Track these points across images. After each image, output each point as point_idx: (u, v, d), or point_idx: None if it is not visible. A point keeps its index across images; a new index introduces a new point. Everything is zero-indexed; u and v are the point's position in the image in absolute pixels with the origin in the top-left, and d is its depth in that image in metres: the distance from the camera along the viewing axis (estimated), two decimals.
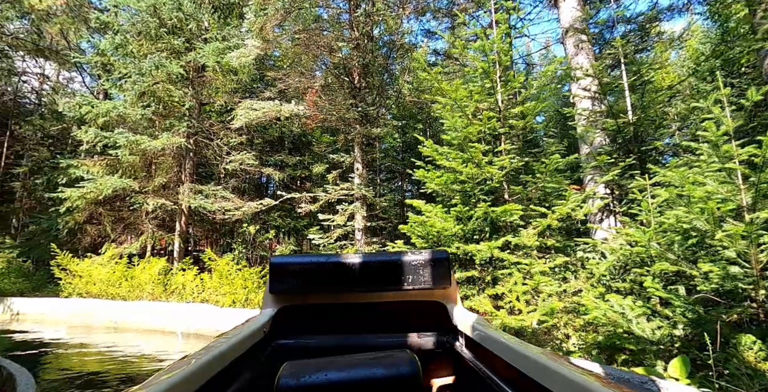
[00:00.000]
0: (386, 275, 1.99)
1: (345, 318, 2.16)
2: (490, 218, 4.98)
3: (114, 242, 11.72)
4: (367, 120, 12.09)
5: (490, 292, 4.76)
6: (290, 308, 2.09)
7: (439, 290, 2.06)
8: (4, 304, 9.91)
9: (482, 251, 4.75)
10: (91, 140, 11.56)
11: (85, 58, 12.92)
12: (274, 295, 2.06)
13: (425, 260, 2.00)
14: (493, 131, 5.44)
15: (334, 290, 2.02)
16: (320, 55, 12.64)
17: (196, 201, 11.28)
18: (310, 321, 2.14)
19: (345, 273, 1.98)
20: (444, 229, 4.92)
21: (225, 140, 13.45)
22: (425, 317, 2.13)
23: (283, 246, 16.22)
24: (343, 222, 11.94)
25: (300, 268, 2.00)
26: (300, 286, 1.99)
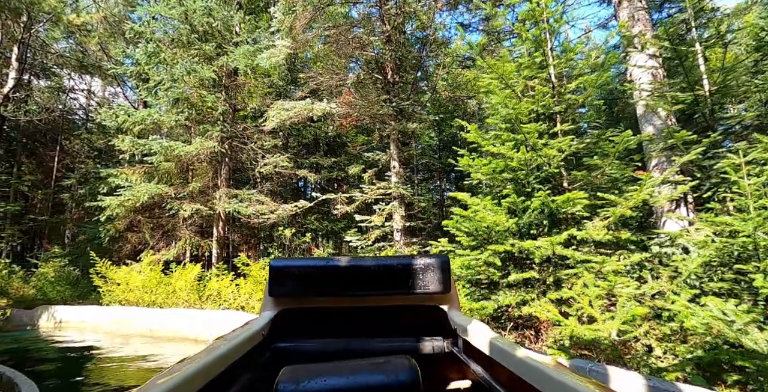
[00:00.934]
0: (386, 279, 1.94)
1: (344, 321, 2.12)
2: (549, 210, 4.22)
3: (152, 249, 11.56)
4: (402, 116, 11.45)
5: (552, 296, 4.00)
6: (290, 311, 2.05)
7: (439, 294, 2.00)
8: (49, 312, 9.87)
9: (542, 248, 4.00)
10: (128, 148, 11.47)
11: (122, 69, 12.90)
12: (274, 298, 2.01)
13: (426, 265, 1.96)
14: (546, 110, 4.67)
15: (334, 293, 1.97)
16: (351, 51, 12.11)
17: (231, 205, 10.95)
18: (310, 324, 2.11)
19: (345, 277, 1.95)
20: (495, 224, 4.20)
21: (259, 143, 13.13)
22: (425, 321, 2.09)
23: (321, 249, 15.77)
24: (380, 223, 11.33)
25: (300, 271, 1.95)
26: (300, 289, 1.95)
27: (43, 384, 5.40)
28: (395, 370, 1.31)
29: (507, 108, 4.26)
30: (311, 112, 10.73)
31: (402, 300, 2.05)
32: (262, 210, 10.92)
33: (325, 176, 15.63)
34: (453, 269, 4.71)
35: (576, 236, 4.01)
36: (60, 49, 21.26)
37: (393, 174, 11.66)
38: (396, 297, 2.02)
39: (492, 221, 4.17)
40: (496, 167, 4.51)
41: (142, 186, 10.62)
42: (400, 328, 2.10)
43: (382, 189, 11.10)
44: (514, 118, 4.18)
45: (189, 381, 1.05)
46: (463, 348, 1.86)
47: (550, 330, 4.28)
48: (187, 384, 1.04)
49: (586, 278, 3.76)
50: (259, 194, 11.99)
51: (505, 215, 4.19)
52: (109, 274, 9.27)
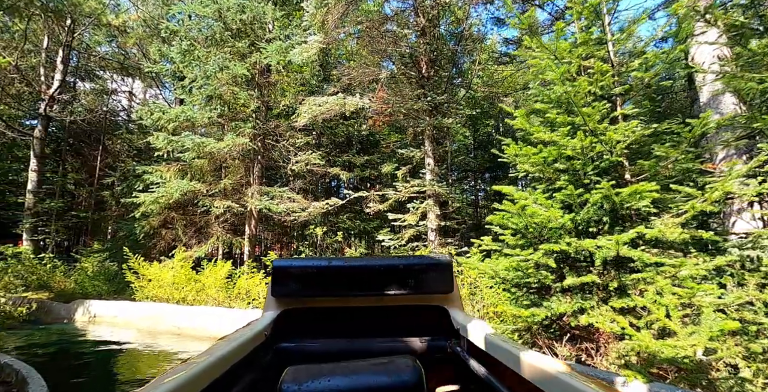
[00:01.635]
0: (389, 279, 1.93)
1: (347, 322, 2.10)
2: (611, 204, 3.63)
3: (185, 245, 11.45)
4: (437, 111, 10.92)
5: (617, 304, 3.41)
6: (292, 311, 2.03)
7: (442, 295, 2.00)
8: (84, 306, 9.88)
9: (604, 248, 3.42)
10: (163, 146, 11.40)
11: (157, 67, 12.90)
12: (276, 298, 1.99)
13: (428, 265, 1.95)
14: (605, 91, 4.07)
15: (337, 294, 1.95)
16: (384, 46, 11.67)
17: (262, 203, 10.69)
18: (312, 324, 2.09)
19: (347, 277, 1.93)
20: (548, 220, 3.64)
21: (291, 141, 12.86)
22: (427, 322, 2.08)
23: (353, 249, 15.38)
24: (414, 222, 10.83)
25: (302, 272, 1.93)
26: (302, 290, 1.93)
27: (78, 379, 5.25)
28: (399, 371, 1.28)
29: (564, 86, 3.68)
30: (343, 107, 10.34)
31: (405, 300, 2.01)
32: (293, 208, 10.61)
33: (357, 175, 15.23)
34: (497, 270, 4.19)
35: (645, 235, 3.40)
36: (102, 52, 21.78)
37: (427, 172, 11.13)
38: (399, 297, 1.98)
39: (545, 217, 3.61)
40: (548, 156, 3.94)
41: (173, 183, 10.50)
42: (402, 328, 2.07)
43: (416, 187, 10.59)
44: (571, 98, 3.60)
45: (192, 381, 1.04)
46: (466, 348, 1.83)
47: (612, 344, 3.68)
48: (190, 385, 1.02)
49: (660, 284, 3.15)
50: (290, 191, 11.70)
51: (560, 210, 3.62)
52: (140, 270, 9.15)
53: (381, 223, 16.60)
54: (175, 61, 12.47)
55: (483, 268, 4.35)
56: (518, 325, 4.34)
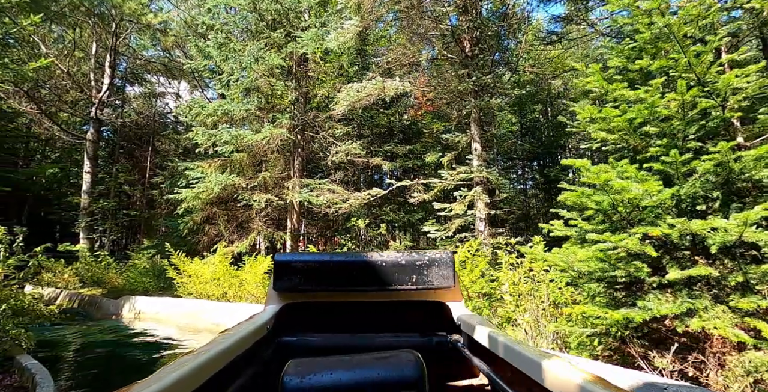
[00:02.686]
0: (390, 274, 1.91)
1: (348, 316, 2.09)
2: (727, 174, 2.77)
3: (226, 241, 11.20)
4: (483, 91, 10.04)
5: (743, 304, 2.56)
6: (294, 305, 2.01)
7: (443, 290, 1.97)
8: (130, 303, 9.80)
9: (723, 231, 2.57)
10: (203, 141, 11.17)
11: (195, 63, 12.69)
12: (278, 292, 1.98)
13: (429, 260, 1.94)
14: (708, 32, 3.17)
15: (338, 288, 1.94)
16: (424, 26, 10.88)
17: (302, 195, 10.23)
18: (314, 318, 2.09)
19: (349, 272, 1.92)
20: (641, 196, 2.82)
21: (330, 131, 12.35)
22: (428, 317, 2.06)
23: (397, 242, 14.74)
24: (462, 211, 10.04)
25: (304, 266, 1.91)
26: (304, 284, 1.92)
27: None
28: (401, 365, 1.27)
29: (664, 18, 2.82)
30: (383, 92, 9.67)
31: (406, 295, 2.01)
32: (334, 199, 10.08)
33: (400, 165, 14.55)
34: (569, 261, 3.40)
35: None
36: (148, 56, 22.17)
37: (474, 157, 10.29)
38: (400, 292, 1.97)
39: (637, 193, 2.79)
40: (636, 116, 3.09)
41: (212, 177, 10.22)
42: (403, 323, 2.06)
43: (462, 173, 9.79)
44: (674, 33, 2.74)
45: (195, 373, 1.03)
46: (466, 344, 1.82)
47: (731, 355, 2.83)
48: (193, 377, 1.02)
49: None
50: (331, 183, 11.19)
51: (657, 183, 2.79)
52: (181, 266, 8.91)
53: (426, 215, 15.86)
54: (212, 56, 12.21)
55: (552, 259, 3.57)
56: (597, 328, 3.54)
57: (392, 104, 15.34)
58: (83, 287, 13.87)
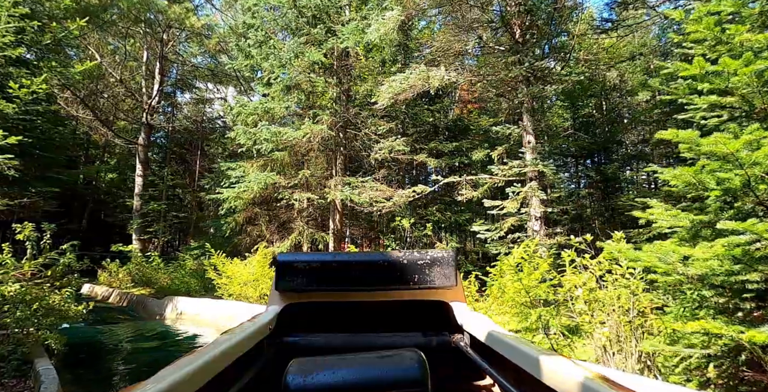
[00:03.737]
0: (392, 274, 1.90)
1: (350, 316, 2.08)
2: None
3: (267, 241, 10.86)
4: (536, 78, 9.16)
5: None
6: (296, 305, 2.01)
7: (445, 289, 1.95)
8: (173, 303, 9.64)
9: None
10: (244, 140, 10.92)
11: (237, 63, 12.52)
12: (281, 292, 1.97)
13: (431, 260, 1.92)
14: None
15: (340, 288, 1.95)
16: (470, 12, 10.13)
17: (343, 193, 9.71)
18: (316, 318, 2.08)
19: (351, 272, 1.92)
20: None
21: (373, 128, 11.80)
22: (430, 316, 2.05)
23: (444, 243, 13.98)
24: (515, 209, 9.18)
25: (306, 266, 1.91)
26: (306, 284, 1.91)
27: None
28: (404, 363, 1.26)
29: None
30: (427, 82, 9.00)
31: (408, 295, 1.99)
32: (377, 198, 9.49)
33: (446, 163, 13.79)
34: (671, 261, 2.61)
35: None
36: (196, 63, 22.60)
37: (527, 150, 9.42)
38: (402, 292, 1.95)
39: None
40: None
41: (252, 176, 9.90)
42: (406, 322, 2.04)
43: (515, 168, 8.95)
44: None
45: (198, 373, 1.02)
46: (469, 343, 1.80)
47: None
48: (196, 377, 1.01)
49: None
50: (374, 181, 10.63)
51: None
52: (220, 267, 8.60)
53: (473, 215, 15.01)
54: (252, 55, 12.00)
55: (646, 259, 2.78)
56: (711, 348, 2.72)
57: (437, 99, 14.63)
58: (134, 286, 14.04)
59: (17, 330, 4.12)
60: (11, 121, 8.35)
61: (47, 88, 8.53)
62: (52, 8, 10.40)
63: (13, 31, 8.73)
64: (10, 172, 8.59)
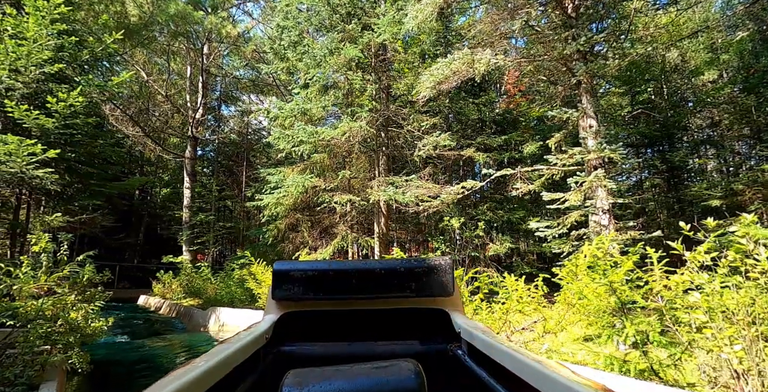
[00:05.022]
0: (389, 282, 1.87)
1: (347, 324, 2.05)
2: None
3: (310, 248, 10.28)
4: (594, 54, 8.08)
5: None
6: (293, 314, 1.97)
7: (442, 297, 1.94)
8: (216, 314, 9.27)
9: None
10: (284, 146, 10.48)
11: (272, 67, 12.16)
12: (277, 301, 1.93)
13: (429, 268, 1.90)
14: None
15: (337, 296, 1.90)
16: None
17: (386, 193, 8.97)
18: (313, 327, 2.05)
19: (347, 280, 1.88)
20: None
21: (415, 124, 11.02)
22: (428, 325, 2.01)
23: (497, 244, 12.90)
24: (578, 201, 8.10)
25: (302, 274, 1.88)
26: (302, 293, 1.88)
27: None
28: (400, 374, 1.23)
29: None
30: (472, 67, 8.13)
31: (405, 303, 1.97)
32: (423, 196, 8.68)
33: (495, 158, 12.79)
34: None
35: None
36: (239, 76, 22.78)
37: (588, 136, 8.31)
38: (399, 300, 1.93)
39: None
40: None
41: (290, 179, 9.37)
42: (403, 331, 2.03)
43: (577, 154, 7.88)
44: None
45: (193, 384, 1.00)
46: (466, 351, 1.77)
47: None
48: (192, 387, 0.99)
49: None
50: (419, 180, 9.83)
51: None
52: (259, 276, 8.07)
53: (528, 213, 13.85)
54: (288, 57, 11.59)
55: None
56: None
57: (482, 90, 13.68)
58: (185, 297, 13.96)
59: (26, 350, 3.63)
60: (52, 135, 8.30)
61: (84, 101, 8.44)
62: (91, 25, 10.43)
63: (52, 48, 8.73)
64: (53, 186, 8.57)
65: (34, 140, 7.39)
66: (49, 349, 3.87)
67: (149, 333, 8.84)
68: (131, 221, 24.35)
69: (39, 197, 9.24)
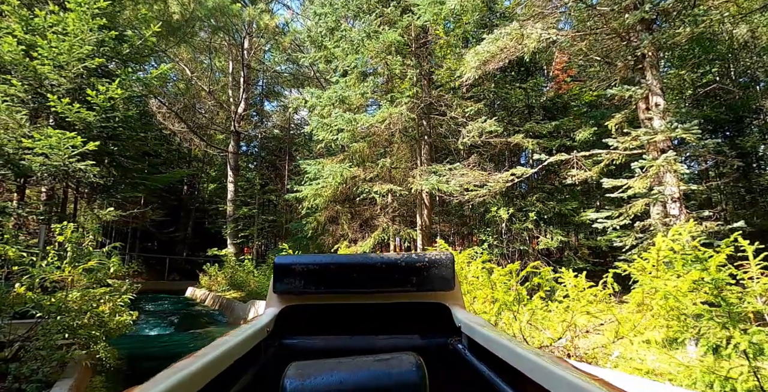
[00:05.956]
0: (390, 276, 1.86)
1: (348, 318, 2.03)
2: None
3: (349, 241, 9.87)
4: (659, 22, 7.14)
5: None
6: (294, 308, 1.95)
7: (443, 292, 1.91)
8: (255, 307, 9.13)
9: None
10: (323, 136, 10.13)
11: (310, 57, 11.81)
12: (278, 295, 1.91)
13: (430, 262, 1.88)
14: None
15: (338, 290, 1.88)
16: None
17: (428, 182, 8.40)
18: (314, 321, 2.02)
19: (349, 274, 1.87)
20: None
21: (459, 110, 10.35)
22: (429, 319, 2.00)
23: (548, 237, 12.03)
24: (644, 188, 7.22)
25: (304, 268, 1.86)
26: (304, 286, 1.85)
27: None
28: (401, 367, 1.23)
29: None
30: (521, 43, 7.39)
31: (406, 297, 1.96)
32: (468, 185, 8.05)
33: (545, 146, 11.90)
34: None
35: None
36: (280, 71, 22.76)
37: (654, 114, 7.39)
38: (400, 294, 1.92)
39: None
40: None
41: (327, 169, 8.97)
42: (404, 325, 2.00)
43: (643, 136, 7.00)
44: None
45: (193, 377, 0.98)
46: (467, 346, 1.75)
47: None
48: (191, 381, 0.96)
49: None
50: (464, 168, 9.19)
51: None
52: None
53: (581, 204, 12.87)
54: (326, 46, 11.20)
55: None
56: None
57: (529, 75, 12.79)
58: (229, 290, 14.02)
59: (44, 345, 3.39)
60: (94, 129, 8.32)
61: (123, 94, 8.40)
62: (131, 18, 10.45)
63: (93, 42, 8.74)
64: (95, 179, 8.61)
65: (74, 133, 7.41)
66: (69, 344, 3.63)
67: (191, 325, 8.74)
68: (180, 215, 25.02)
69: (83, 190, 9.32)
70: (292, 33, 16.44)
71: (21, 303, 3.75)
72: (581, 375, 0.93)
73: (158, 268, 21.24)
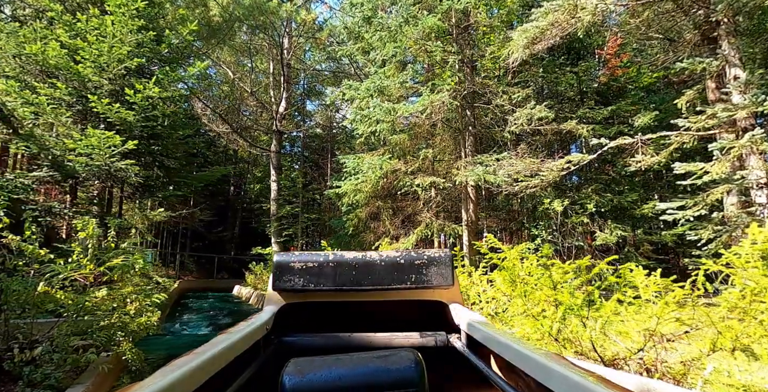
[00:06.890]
0: (389, 274, 1.87)
1: (348, 315, 2.06)
2: None
3: (392, 238, 9.40)
4: None
5: None
6: (293, 305, 1.98)
7: (442, 289, 1.94)
8: None
9: None
10: (362, 130, 9.73)
11: (347, 48, 11.44)
12: (278, 292, 1.94)
13: (428, 260, 1.89)
14: None
15: (337, 288, 1.89)
16: None
17: (474, 173, 7.77)
18: (313, 318, 2.06)
19: (348, 272, 1.88)
20: None
21: (505, 97, 9.63)
22: (427, 316, 2.06)
23: (606, 232, 11.03)
24: (722, 174, 6.28)
25: (303, 266, 1.89)
26: (303, 284, 1.88)
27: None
28: (400, 363, 1.23)
29: None
30: (575, 16, 6.63)
31: (405, 295, 1.97)
32: (518, 175, 7.36)
33: (600, 133, 10.92)
34: None
35: None
36: (320, 69, 22.68)
37: (733, 89, 6.42)
38: (399, 292, 1.93)
39: None
40: None
41: (365, 162, 8.53)
42: (403, 322, 2.03)
43: (723, 112, 6.07)
44: None
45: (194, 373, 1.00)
46: (465, 343, 1.79)
47: None
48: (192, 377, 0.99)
49: None
50: (512, 157, 8.49)
51: None
52: None
53: (641, 196, 11.75)
54: (363, 36, 10.78)
55: None
56: None
57: (580, 58, 11.83)
58: None
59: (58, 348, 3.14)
60: (135, 129, 8.32)
61: (159, 92, 8.34)
62: (171, 21, 10.48)
63: (132, 43, 8.75)
64: (136, 178, 8.62)
65: (113, 133, 7.38)
66: (86, 346, 3.38)
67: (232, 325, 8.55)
68: (228, 215, 25.51)
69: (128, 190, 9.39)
70: (328, 28, 16.18)
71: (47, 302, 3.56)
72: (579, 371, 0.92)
73: (208, 267, 21.69)
